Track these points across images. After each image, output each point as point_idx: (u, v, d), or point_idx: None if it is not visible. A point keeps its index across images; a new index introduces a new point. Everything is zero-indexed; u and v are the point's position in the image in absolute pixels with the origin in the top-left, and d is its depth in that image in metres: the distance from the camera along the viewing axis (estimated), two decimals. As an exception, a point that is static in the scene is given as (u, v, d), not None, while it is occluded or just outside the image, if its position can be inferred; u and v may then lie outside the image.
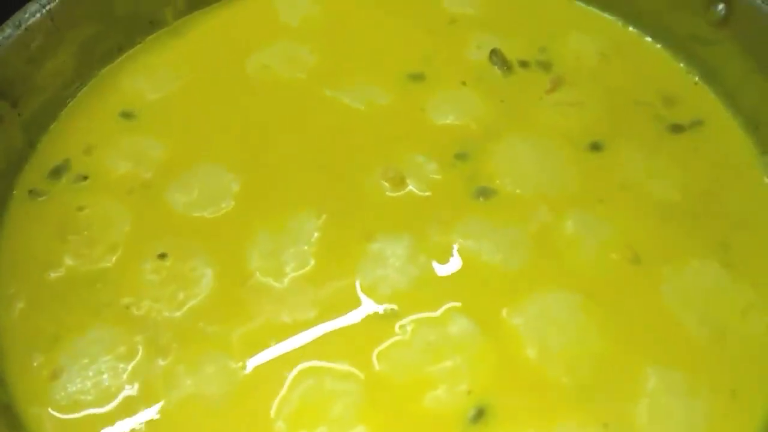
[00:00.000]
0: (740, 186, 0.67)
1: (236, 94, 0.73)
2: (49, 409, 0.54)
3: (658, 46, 0.77)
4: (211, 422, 0.53)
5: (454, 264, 0.60)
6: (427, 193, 0.65)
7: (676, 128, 0.71)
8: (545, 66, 0.76)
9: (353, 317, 0.57)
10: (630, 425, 0.53)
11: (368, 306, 0.58)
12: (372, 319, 0.57)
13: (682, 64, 0.75)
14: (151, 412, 0.53)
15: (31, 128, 0.69)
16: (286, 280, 0.59)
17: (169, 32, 0.79)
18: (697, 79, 0.74)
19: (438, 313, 0.57)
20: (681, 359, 0.56)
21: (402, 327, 0.56)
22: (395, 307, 0.57)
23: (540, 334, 0.56)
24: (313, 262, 0.60)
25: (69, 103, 0.72)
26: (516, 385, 0.54)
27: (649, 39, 0.78)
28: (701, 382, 0.55)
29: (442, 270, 0.60)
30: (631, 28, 0.79)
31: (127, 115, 0.71)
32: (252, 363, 0.55)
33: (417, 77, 0.74)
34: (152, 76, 0.74)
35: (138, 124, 0.70)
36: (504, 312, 0.57)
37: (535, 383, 0.54)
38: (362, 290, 0.58)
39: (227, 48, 0.77)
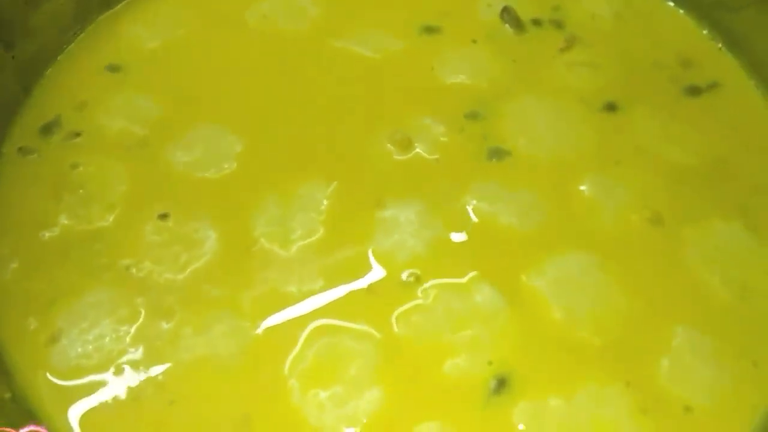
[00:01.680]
0: (758, 150, 0.66)
1: (237, 47, 0.70)
2: (49, 374, 0.51)
3: (681, 11, 0.74)
4: (222, 382, 0.51)
5: (470, 227, 0.58)
6: (436, 156, 0.63)
7: (693, 90, 0.69)
8: (558, 25, 0.73)
9: (368, 283, 0.55)
10: (652, 383, 0.52)
11: (385, 272, 0.56)
12: (390, 284, 0.55)
13: (705, 31, 0.73)
14: (159, 375, 0.51)
15: (25, 73, 0.66)
16: (293, 248, 0.57)
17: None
18: (720, 45, 0.72)
19: (461, 279, 0.55)
20: (705, 319, 0.55)
21: (424, 291, 0.55)
22: (416, 271, 0.55)
23: (565, 296, 0.55)
24: (322, 230, 0.58)
25: (66, 48, 0.69)
26: (539, 351, 0.53)
27: (671, 4, 0.75)
28: (725, 344, 0.54)
29: (457, 234, 0.58)
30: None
31: (122, 69, 0.68)
32: (263, 322, 0.53)
33: (427, 31, 0.71)
34: (151, 24, 0.71)
35: (133, 78, 0.67)
36: (524, 276, 0.56)
37: (560, 346, 0.53)
38: (377, 257, 0.56)
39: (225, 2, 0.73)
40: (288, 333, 0.53)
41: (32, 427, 0.47)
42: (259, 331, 0.53)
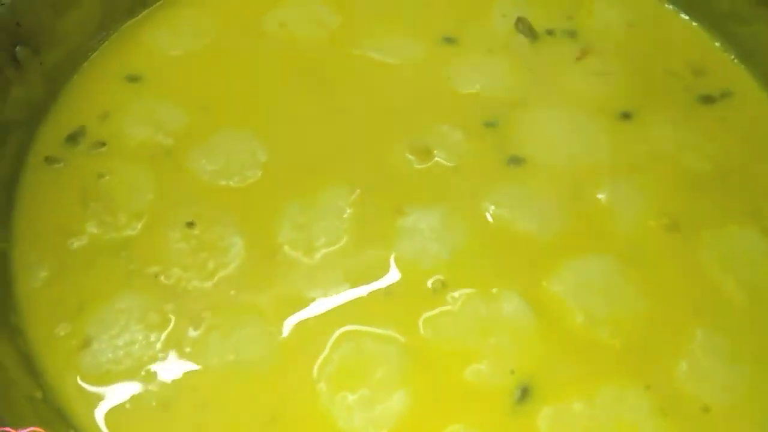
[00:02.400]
0: (770, 157, 0.67)
1: (257, 55, 0.71)
2: (79, 378, 0.52)
3: (694, 23, 0.75)
4: (251, 386, 0.51)
5: (490, 233, 0.59)
6: (454, 164, 0.64)
7: (706, 99, 0.70)
8: (572, 34, 0.74)
9: (393, 289, 0.56)
10: (671, 385, 0.53)
11: (409, 278, 0.56)
12: (414, 290, 0.56)
13: (717, 43, 0.74)
14: (188, 380, 0.52)
15: (52, 80, 0.67)
16: (317, 255, 0.57)
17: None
18: (733, 57, 0.73)
19: (487, 287, 0.56)
20: (721, 321, 0.56)
21: (452, 298, 0.55)
22: (440, 277, 0.56)
23: (585, 301, 0.55)
24: (345, 237, 0.58)
25: (90, 56, 0.70)
26: (561, 355, 0.53)
27: (684, 16, 0.76)
28: (741, 345, 0.55)
29: (478, 240, 0.59)
30: (669, 6, 0.77)
31: (144, 77, 0.69)
32: (290, 326, 0.54)
33: (444, 41, 0.72)
34: (173, 32, 0.72)
35: (156, 86, 0.68)
36: (545, 282, 0.57)
37: (580, 350, 0.54)
38: (401, 264, 0.57)
39: (250, 6, 0.75)
40: (315, 337, 0.53)
41: (33, 428, 0.47)
42: (287, 335, 0.54)
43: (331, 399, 0.51)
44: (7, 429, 0.46)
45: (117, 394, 0.51)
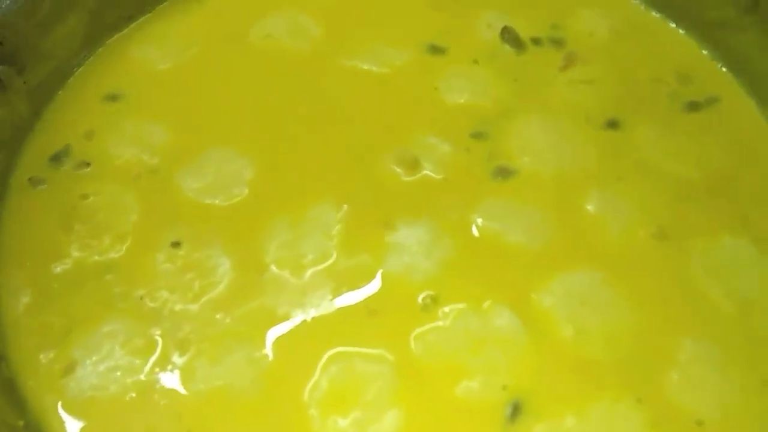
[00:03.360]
0: (758, 163, 0.66)
1: (242, 68, 0.70)
2: (62, 405, 0.51)
3: (681, 31, 0.75)
4: (240, 414, 0.51)
5: (479, 246, 0.59)
6: (442, 176, 0.64)
7: (692, 106, 0.70)
8: (558, 43, 0.74)
9: (383, 305, 0.56)
10: (663, 398, 0.52)
11: (399, 294, 0.56)
12: (404, 306, 0.55)
13: (705, 51, 0.74)
14: (174, 407, 0.51)
15: (36, 98, 0.66)
16: (306, 273, 0.57)
17: (179, 1, 0.76)
18: (720, 65, 0.73)
19: (478, 302, 0.55)
20: (711, 332, 0.56)
21: (443, 314, 0.55)
22: (430, 293, 0.56)
23: (574, 314, 0.55)
24: (334, 254, 0.58)
25: (76, 72, 0.70)
26: (551, 370, 0.53)
27: (672, 24, 0.76)
28: (732, 355, 0.54)
29: (467, 253, 0.58)
30: (654, 13, 0.77)
31: (129, 94, 0.68)
32: (278, 350, 0.53)
33: (429, 51, 0.72)
34: (159, 47, 0.72)
35: (140, 103, 0.68)
36: (534, 295, 0.56)
37: (572, 365, 0.53)
38: (391, 280, 0.57)
39: (236, 18, 0.74)
40: (304, 361, 0.53)
41: None
42: (275, 360, 0.53)
43: (323, 424, 0.50)
44: None
45: (101, 421, 0.51)
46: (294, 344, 0.54)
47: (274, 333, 0.54)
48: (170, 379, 0.52)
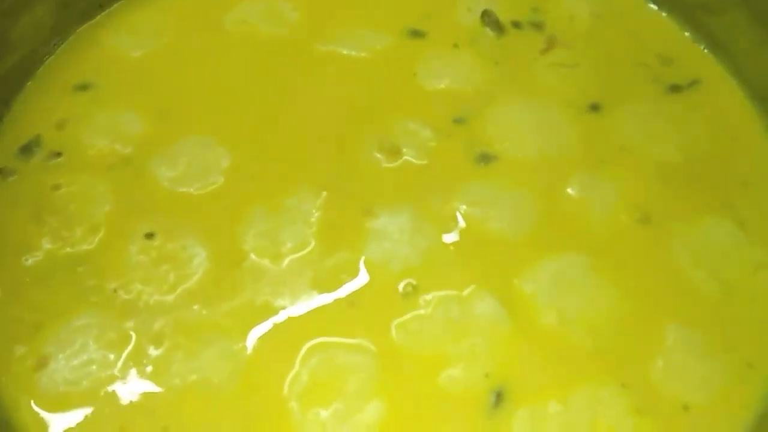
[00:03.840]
0: (741, 146, 0.66)
1: (218, 55, 0.69)
2: (35, 402, 0.50)
3: (663, 13, 0.74)
4: (218, 408, 0.50)
5: (461, 233, 0.58)
6: (424, 162, 0.63)
7: (675, 88, 0.69)
8: (538, 26, 0.73)
9: (363, 294, 0.55)
10: (647, 383, 0.52)
11: (379, 282, 0.55)
12: (385, 294, 0.54)
13: (687, 33, 0.73)
14: (149, 403, 0.50)
15: (4, 88, 0.65)
16: (284, 262, 0.56)
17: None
18: (702, 47, 0.72)
19: (460, 290, 0.55)
20: (695, 316, 0.55)
21: (424, 301, 0.54)
22: (412, 281, 0.55)
23: (557, 300, 0.55)
24: (313, 242, 0.57)
25: (46, 61, 0.68)
26: (534, 357, 0.53)
27: (653, 6, 0.75)
28: (716, 341, 0.54)
29: (449, 240, 0.58)
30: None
31: (101, 83, 0.66)
32: (257, 342, 0.52)
33: (409, 35, 0.71)
34: (132, 34, 0.70)
35: (113, 92, 0.66)
36: (516, 281, 0.56)
37: (555, 352, 0.53)
38: (371, 268, 0.56)
39: (211, 3, 0.73)
40: (283, 353, 0.52)
41: None
42: (253, 352, 0.52)
43: (304, 417, 0.49)
44: None
45: (74, 417, 0.49)
46: (273, 336, 0.53)
47: (252, 324, 0.53)
48: (144, 374, 0.51)
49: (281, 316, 0.54)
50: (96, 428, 0.49)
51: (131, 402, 0.50)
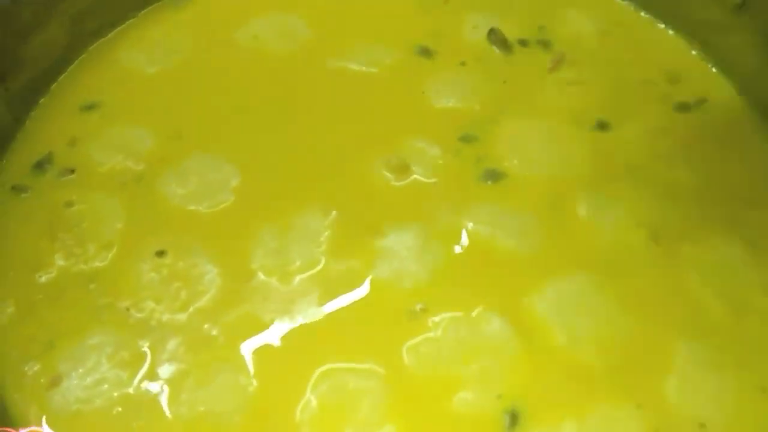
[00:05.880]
0: (749, 165, 0.66)
1: (229, 71, 0.70)
2: (48, 420, 0.50)
3: (671, 31, 0.75)
4: (232, 427, 0.50)
5: (469, 251, 0.58)
6: (433, 180, 0.63)
7: (682, 106, 0.70)
8: (545, 45, 0.74)
9: (372, 314, 0.55)
10: (662, 402, 0.52)
11: (389, 302, 0.55)
12: (394, 314, 0.55)
13: (694, 52, 0.74)
14: (164, 421, 0.50)
15: (17, 105, 0.65)
16: (294, 280, 0.56)
17: (164, 6, 0.75)
18: (710, 65, 0.72)
19: (468, 310, 0.55)
20: (705, 335, 0.55)
21: (433, 324, 0.54)
22: (421, 301, 0.55)
23: (566, 320, 0.55)
24: (322, 261, 0.57)
25: (59, 79, 0.69)
26: (546, 378, 0.53)
27: (661, 25, 0.76)
28: (727, 358, 0.54)
29: (457, 259, 0.58)
30: (643, 13, 0.77)
31: (113, 101, 0.67)
32: (266, 368, 0.52)
33: (417, 53, 0.71)
34: (144, 52, 0.71)
35: (124, 109, 0.67)
36: (526, 300, 0.56)
37: (567, 372, 0.53)
38: (380, 287, 0.56)
39: (223, 20, 0.73)
40: (293, 379, 0.52)
41: (33, 428, 0.46)
42: (263, 377, 0.52)
43: (317, 444, 0.49)
44: (8, 429, 0.45)
45: (85, 435, 0.50)
46: (283, 359, 0.53)
47: (262, 347, 0.53)
48: (157, 393, 0.51)
49: (291, 336, 0.54)
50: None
51: (143, 421, 0.50)
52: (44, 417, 0.50)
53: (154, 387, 0.51)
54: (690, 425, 0.51)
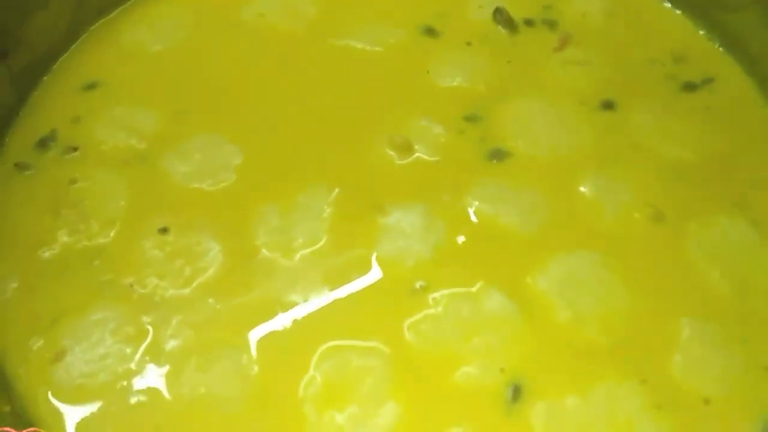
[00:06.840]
0: (756, 144, 0.66)
1: (233, 50, 0.69)
2: (51, 393, 0.51)
3: (678, 11, 0.74)
4: (233, 411, 0.50)
5: (473, 230, 0.58)
6: (436, 158, 0.63)
7: (689, 86, 0.69)
8: (551, 24, 0.73)
9: (374, 291, 0.55)
10: (667, 378, 0.52)
11: (391, 279, 0.55)
12: (397, 292, 0.55)
13: (702, 31, 0.73)
14: (164, 395, 0.50)
15: (20, 83, 0.65)
16: (296, 257, 0.56)
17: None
18: (717, 45, 0.72)
19: (470, 287, 0.55)
20: (709, 313, 0.55)
21: (434, 300, 0.54)
22: (423, 278, 0.55)
23: (570, 297, 0.55)
24: (325, 238, 0.57)
25: (61, 57, 0.69)
26: (549, 354, 0.52)
27: (667, 4, 0.75)
28: (732, 334, 0.54)
29: (461, 237, 0.58)
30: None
31: (116, 79, 0.67)
32: (270, 344, 0.52)
33: (422, 33, 0.71)
34: (147, 30, 0.71)
35: (128, 87, 0.67)
36: (529, 278, 0.56)
37: (570, 347, 0.53)
38: (383, 264, 0.56)
39: (225, 2, 0.73)
40: (297, 355, 0.52)
41: (34, 429, 0.47)
42: (267, 354, 0.52)
43: (319, 420, 0.49)
44: (7, 429, 0.45)
45: (89, 409, 0.50)
46: (286, 336, 0.53)
47: (266, 323, 0.53)
48: (161, 369, 0.51)
49: (294, 314, 0.54)
50: (111, 421, 0.49)
51: (145, 397, 0.50)
52: (49, 390, 0.50)
53: (158, 359, 0.52)
54: (694, 401, 0.51)
